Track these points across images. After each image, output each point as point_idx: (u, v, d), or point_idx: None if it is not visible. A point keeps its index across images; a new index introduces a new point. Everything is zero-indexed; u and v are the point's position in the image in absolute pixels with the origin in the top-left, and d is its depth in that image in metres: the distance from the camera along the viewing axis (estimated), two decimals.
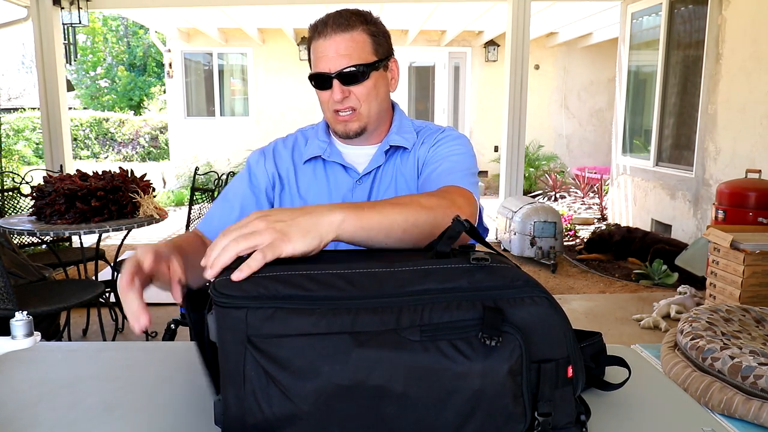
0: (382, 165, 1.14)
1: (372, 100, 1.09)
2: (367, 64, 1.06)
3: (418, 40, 9.40)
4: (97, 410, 0.72)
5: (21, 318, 0.77)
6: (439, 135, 1.15)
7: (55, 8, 5.26)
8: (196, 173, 3.92)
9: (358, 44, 1.06)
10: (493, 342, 0.54)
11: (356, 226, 0.73)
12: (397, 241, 0.77)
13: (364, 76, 1.06)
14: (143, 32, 17.78)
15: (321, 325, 0.56)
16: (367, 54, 1.07)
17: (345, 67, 1.04)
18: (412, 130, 1.17)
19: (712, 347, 2.03)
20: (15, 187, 3.82)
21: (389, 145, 1.14)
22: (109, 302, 3.31)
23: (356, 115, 1.09)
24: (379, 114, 1.13)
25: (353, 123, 1.10)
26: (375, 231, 0.75)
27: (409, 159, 1.15)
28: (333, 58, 1.05)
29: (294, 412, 0.56)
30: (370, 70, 1.07)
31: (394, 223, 0.77)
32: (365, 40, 1.07)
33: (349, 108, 1.08)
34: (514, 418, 0.57)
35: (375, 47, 1.08)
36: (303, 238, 0.67)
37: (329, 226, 0.70)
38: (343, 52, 1.04)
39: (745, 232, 3.15)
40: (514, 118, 5.35)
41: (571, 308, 3.77)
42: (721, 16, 4.55)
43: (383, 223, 0.76)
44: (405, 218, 0.78)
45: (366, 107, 1.09)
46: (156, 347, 0.96)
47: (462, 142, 1.14)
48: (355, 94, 1.07)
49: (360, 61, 1.05)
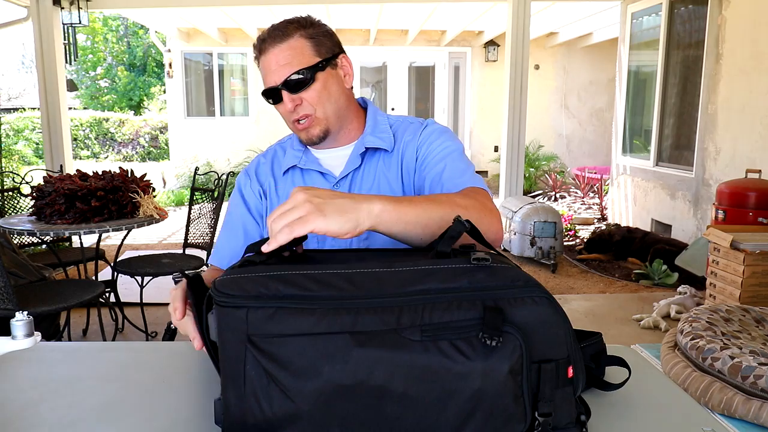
0: (360, 167, 1.12)
1: (325, 101, 1.08)
2: (309, 67, 1.05)
3: (418, 40, 9.40)
4: (97, 410, 0.72)
5: (21, 318, 0.77)
6: (424, 131, 1.12)
7: (55, 8, 5.26)
8: (196, 173, 3.92)
9: (297, 50, 1.05)
10: (494, 342, 0.54)
11: (395, 218, 0.74)
12: (432, 236, 0.77)
13: (310, 80, 1.05)
14: (143, 32, 17.78)
15: (321, 324, 0.56)
16: (308, 57, 1.05)
17: (288, 75, 1.04)
18: (387, 128, 1.15)
19: (712, 347, 2.03)
20: (15, 187, 3.82)
21: (365, 147, 1.12)
22: (109, 302, 3.31)
23: (313, 119, 1.08)
24: (337, 113, 1.11)
25: (313, 128, 1.09)
26: (412, 225, 0.76)
27: (393, 161, 1.12)
28: (275, 71, 1.05)
29: (294, 412, 0.56)
30: (315, 72, 1.05)
31: (431, 220, 0.77)
32: (303, 45, 1.05)
33: (304, 115, 1.07)
34: (514, 418, 0.57)
35: (316, 49, 1.06)
36: (339, 217, 0.68)
37: (368, 213, 0.71)
38: (283, 62, 1.04)
39: (745, 232, 3.15)
40: (514, 118, 5.35)
41: (571, 308, 3.77)
42: (721, 16, 4.56)
43: (421, 217, 0.77)
44: (441, 216, 0.78)
45: (321, 110, 1.08)
46: (156, 347, 0.96)
47: (449, 135, 1.12)
48: (306, 99, 1.06)
49: (301, 66, 1.04)
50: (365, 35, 9.26)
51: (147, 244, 5.81)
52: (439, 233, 0.77)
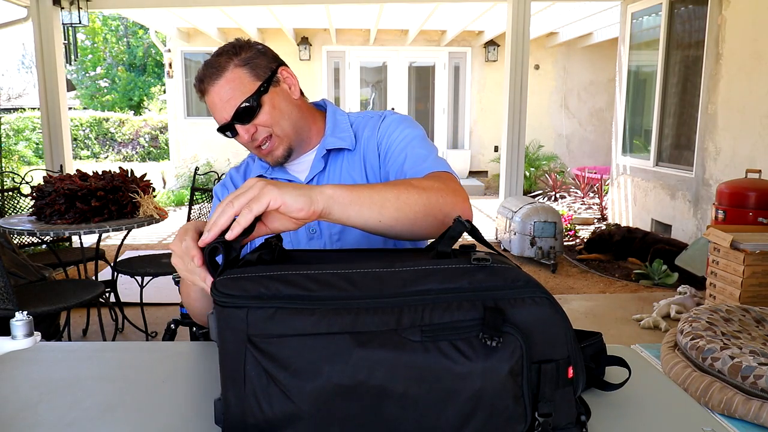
0: (325, 169, 1.11)
1: (279, 119, 1.06)
2: (252, 95, 1.03)
3: (418, 40, 9.40)
4: (97, 410, 0.72)
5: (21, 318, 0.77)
6: (382, 125, 1.11)
7: (55, 8, 5.26)
8: (196, 173, 3.92)
9: (236, 82, 1.03)
10: (494, 342, 0.54)
11: (348, 199, 0.73)
12: (392, 219, 0.76)
13: (257, 107, 1.04)
14: (143, 32, 17.78)
15: (322, 325, 0.56)
16: (249, 85, 1.04)
17: (234, 110, 1.03)
18: (348, 127, 1.14)
19: (712, 347, 2.03)
20: (15, 187, 3.82)
21: (326, 149, 1.11)
22: (109, 302, 3.31)
23: (276, 139, 1.07)
24: (294, 127, 1.10)
25: (276, 150, 1.08)
26: (367, 206, 0.74)
27: (356, 160, 1.11)
28: (221, 108, 1.04)
29: (294, 412, 0.56)
30: (259, 97, 1.04)
31: (386, 200, 0.76)
32: (240, 74, 1.04)
33: (264, 139, 1.06)
34: (514, 419, 0.57)
35: (254, 73, 1.05)
36: (293, 190, 0.68)
37: (321, 193, 0.71)
38: (226, 98, 1.03)
39: (745, 232, 3.15)
40: (514, 118, 5.35)
41: (571, 308, 3.77)
42: (721, 16, 4.55)
43: (374, 198, 0.75)
44: (397, 195, 0.77)
45: (278, 128, 1.07)
46: (156, 347, 0.96)
47: (408, 123, 1.10)
48: (260, 124, 1.05)
49: (244, 96, 1.03)
50: (365, 35, 9.26)
51: (147, 244, 5.81)
52: (401, 217, 0.77)
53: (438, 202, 0.80)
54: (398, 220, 0.77)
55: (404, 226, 0.78)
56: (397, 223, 0.77)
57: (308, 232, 1.11)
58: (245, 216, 0.65)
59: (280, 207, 0.67)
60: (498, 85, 9.24)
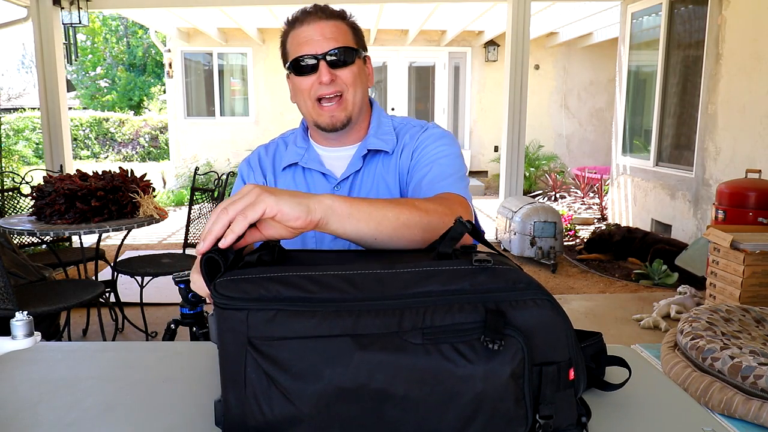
0: (361, 169, 1.11)
1: (358, 86, 1.07)
2: (352, 48, 1.06)
3: (418, 40, 9.39)
4: (97, 410, 0.72)
5: (21, 318, 0.77)
6: (422, 135, 1.11)
7: (55, 8, 5.26)
8: (196, 173, 3.92)
9: (342, 31, 1.06)
10: (496, 345, 0.54)
11: (346, 212, 0.72)
12: (388, 237, 0.76)
13: (351, 60, 1.06)
14: (143, 32, 17.77)
15: (322, 327, 0.55)
16: (351, 41, 1.07)
17: (333, 48, 1.03)
18: (391, 130, 1.14)
19: (712, 347, 2.03)
20: (15, 187, 3.82)
21: (367, 149, 1.10)
22: (109, 302, 3.31)
23: (342, 102, 1.06)
24: (362, 104, 1.10)
25: (340, 112, 1.07)
26: (365, 221, 0.73)
27: (391, 164, 1.11)
28: (319, 41, 1.03)
29: (295, 415, 0.55)
30: (355, 56, 1.07)
31: (384, 218, 0.75)
32: (347, 30, 1.07)
33: (335, 93, 1.05)
34: (515, 421, 0.56)
35: (355, 39, 1.09)
36: (291, 199, 0.67)
37: (319, 203, 0.69)
38: (330, 36, 1.04)
39: (745, 232, 3.15)
40: (514, 118, 5.35)
41: (571, 308, 3.76)
42: (721, 16, 4.55)
43: (374, 215, 0.74)
44: (397, 215, 0.76)
45: (352, 93, 1.07)
46: (156, 347, 0.96)
47: (447, 140, 1.10)
48: (342, 78, 1.05)
49: (345, 44, 1.05)
50: (365, 35, 9.24)
51: (147, 244, 5.81)
52: (397, 235, 0.76)
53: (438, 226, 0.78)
54: (394, 239, 0.76)
55: (399, 245, 0.77)
56: (393, 242, 0.76)
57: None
58: (239, 223, 0.64)
59: (276, 215, 0.66)
60: (498, 85, 9.24)
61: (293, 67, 1.06)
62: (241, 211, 0.64)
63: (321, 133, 1.12)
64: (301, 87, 1.07)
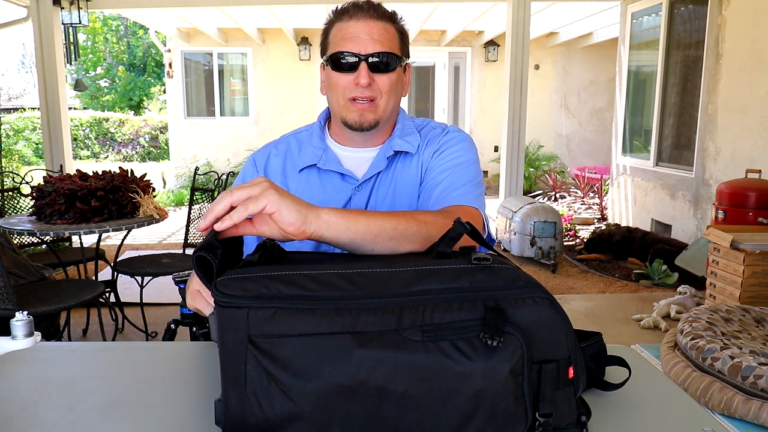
0: (383, 170, 1.08)
1: (392, 94, 1.05)
2: (397, 55, 1.03)
3: (418, 40, 9.39)
4: (97, 410, 0.72)
5: (21, 318, 0.77)
6: (443, 138, 1.09)
7: (55, 8, 5.26)
8: (196, 173, 3.92)
9: (390, 35, 1.03)
10: (495, 342, 0.54)
11: (343, 227, 0.73)
12: (385, 249, 0.76)
13: (393, 67, 1.03)
14: (143, 32, 17.77)
15: (322, 325, 0.56)
16: (395, 48, 1.04)
17: (377, 51, 1.00)
18: (414, 131, 1.12)
19: (712, 347, 2.03)
20: (15, 187, 3.82)
21: (393, 150, 1.08)
22: (109, 302, 3.31)
23: (374, 106, 1.03)
24: (392, 112, 1.08)
25: (369, 114, 1.03)
26: (360, 235, 0.74)
27: (412, 164, 1.09)
28: (365, 41, 1.00)
29: (295, 412, 0.56)
30: (397, 64, 1.04)
31: (382, 230, 0.76)
32: (395, 35, 1.04)
33: (368, 98, 1.02)
34: (515, 419, 0.56)
35: (401, 46, 1.06)
36: (292, 204, 0.69)
37: (317, 216, 0.71)
38: (377, 38, 1.01)
39: (745, 232, 3.15)
40: (514, 118, 5.35)
41: (571, 308, 3.76)
42: (721, 16, 4.55)
43: (370, 228, 0.75)
44: (394, 226, 0.77)
45: (385, 100, 1.04)
46: (156, 347, 0.96)
47: (466, 145, 1.09)
48: (379, 83, 1.02)
49: (391, 50, 1.02)
50: None
51: (147, 244, 5.81)
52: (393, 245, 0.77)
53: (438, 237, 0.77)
54: (392, 250, 0.77)
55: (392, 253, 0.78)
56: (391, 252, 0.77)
57: None
58: (239, 212, 0.66)
59: (274, 214, 0.67)
60: (498, 85, 9.24)
61: (332, 61, 1.03)
62: (244, 202, 0.66)
63: (345, 131, 1.09)
64: (337, 83, 1.04)
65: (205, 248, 0.64)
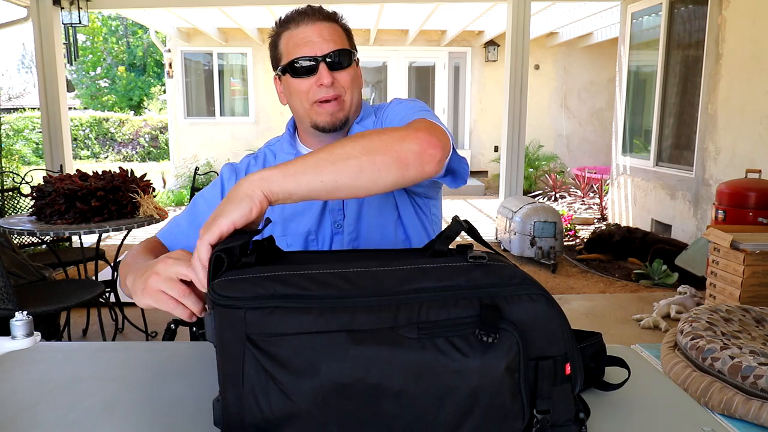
0: None
1: (355, 88, 1.08)
2: (350, 51, 1.06)
3: (418, 40, 9.40)
4: (97, 410, 0.72)
5: (21, 318, 0.77)
6: (389, 106, 1.12)
7: (55, 8, 5.26)
8: (196, 173, 3.92)
9: (338, 33, 1.06)
10: (490, 339, 0.54)
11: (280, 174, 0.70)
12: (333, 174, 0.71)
13: (348, 63, 1.05)
14: (143, 32, 17.78)
15: (319, 323, 0.56)
16: (346, 44, 1.07)
17: (332, 50, 1.03)
18: (372, 113, 1.15)
19: (712, 347, 2.03)
20: (15, 187, 3.82)
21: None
22: (109, 302, 3.31)
23: (341, 103, 1.05)
24: (357, 106, 1.11)
25: (339, 112, 1.05)
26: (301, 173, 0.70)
27: None
28: (318, 43, 1.02)
29: (293, 411, 0.56)
30: (353, 58, 1.07)
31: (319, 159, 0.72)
32: (342, 33, 1.07)
33: (333, 97, 1.04)
34: (512, 416, 0.57)
35: (350, 42, 1.09)
36: (230, 204, 0.67)
37: (250, 185, 0.69)
38: (328, 38, 1.03)
39: (745, 232, 3.15)
40: (514, 118, 5.35)
41: (571, 308, 3.76)
42: (721, 16, 4.55)
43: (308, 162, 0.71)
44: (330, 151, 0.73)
45: (350, 95, 1.06)
46: (156, 347, 0.96)
47: (412, 100, 1.08)
48: (341, 80, 1.04)
49: (343, 47, 1.05)
50: (365, 35, 9.25)
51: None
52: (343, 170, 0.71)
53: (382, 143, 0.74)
54: (340, 173, 0.71)
55: (352, 179, 0.72)
56: (342, 177, 0.72)
57: (333, 228, 1.11)
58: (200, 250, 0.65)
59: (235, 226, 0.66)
60: (498, 85, 9.24)
61: (290, 68, 1.04)
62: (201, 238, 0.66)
63: (316, 134, 1.10)
64: (299, 89, 1.05)
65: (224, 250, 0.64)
